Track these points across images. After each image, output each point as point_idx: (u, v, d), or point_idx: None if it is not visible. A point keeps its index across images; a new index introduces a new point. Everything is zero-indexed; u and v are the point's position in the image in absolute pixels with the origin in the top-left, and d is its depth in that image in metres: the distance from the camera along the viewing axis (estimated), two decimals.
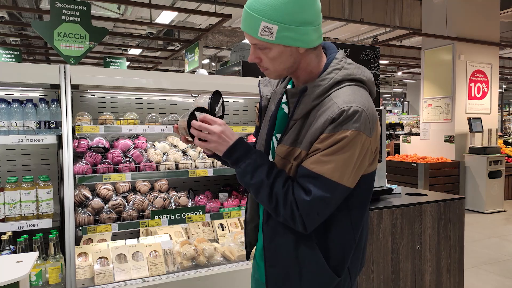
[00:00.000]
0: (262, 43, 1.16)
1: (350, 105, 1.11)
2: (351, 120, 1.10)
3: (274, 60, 1.19)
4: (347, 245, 1.23)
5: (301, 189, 1.14)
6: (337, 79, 1.18)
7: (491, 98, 7.74)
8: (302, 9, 1.12)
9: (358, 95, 1.16)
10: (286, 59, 1.19)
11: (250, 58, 1.22)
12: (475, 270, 4.21)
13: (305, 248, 1.22)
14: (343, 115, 1.10)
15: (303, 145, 1.17)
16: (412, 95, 20.44)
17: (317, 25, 1.17)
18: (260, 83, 1.45)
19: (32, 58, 13.06)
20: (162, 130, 2.50)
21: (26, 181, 2.15)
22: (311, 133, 1.15)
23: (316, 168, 1.13)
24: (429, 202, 2.85)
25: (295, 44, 1.15)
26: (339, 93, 1.16)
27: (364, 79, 1.23)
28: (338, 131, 1.10)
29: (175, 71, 14.19)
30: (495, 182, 7.02)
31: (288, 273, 1.25)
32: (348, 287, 1.29)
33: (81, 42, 4.66)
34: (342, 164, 1.12)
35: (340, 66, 1.22)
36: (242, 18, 1.18)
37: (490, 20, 7.53)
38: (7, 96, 2.42)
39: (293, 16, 1.11)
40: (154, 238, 2.69)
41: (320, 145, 1.13)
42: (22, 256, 1.57)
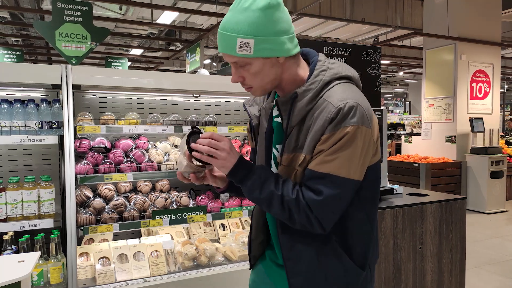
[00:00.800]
0: (242, 60, 1.18)
1: (345, 102, 1.14)
2: (349, 116, 1.13)
3: (256, 75, 1.21)
4: (366, 238, 1.26)
5: (311, 191, 1.15)
6: (325, 80, 1.21)
7: (492, 98, 7.72)
8: (273, 20, 1.16)
9: (349, 91, 1.19)
10: (268, 72, 1.21)
11: (233, 78, 1.24)
12: (476, 270, 4.20)
13: (327, 250, 1.22)
14: (340, 113, 1.13)
15: (306, 150, 1.18)
16: (413, 95, 20.41)
17: (291, 33, 1.21)
18: (246, 104, 1.45)
19: (33, 59, 13.09)
20: (164, 130, 2.50)
21: (28, 181, 2.15)
22: (312, 136, 1.17)
23: (322, 168, 1.14)
24: (430, 202, 2.84)
25: (274, 54, 1.18)
26: (331, 93, 1.19)
27: (350, 75, 1.26)
28: (339, 129, 1.13)
29: (177, 71, 14.20)
30: (496, 182, 7.01)
31: (314, 279, 1.23)
32: (370, 279, 1.30)
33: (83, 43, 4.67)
34: (347, 159, 1.14)
35: (325, 67, 1.24)
36: (218, 42, 1.20)
37: (491, 20, 7.52)
38: (9, 96, 2.42)
39: (267, 27, 1.15)
40: (155, 238, 2.69)
41: (323, 146, 1.15)
42: (23, 256, 1.57)
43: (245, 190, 1.21)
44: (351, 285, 1.24)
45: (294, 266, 1.24)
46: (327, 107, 1.15)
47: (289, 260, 1.25)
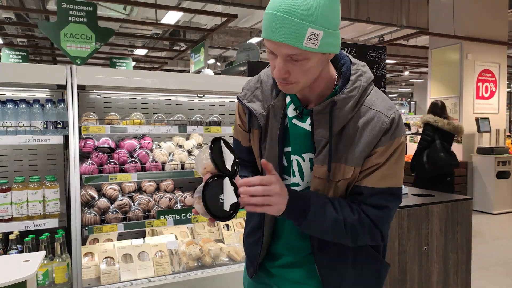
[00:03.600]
0: (303, 54, 1.00)
1: (394, 111, 1.11)
2: (400, 126, 1.11)
3: (308, 72, 1.05)
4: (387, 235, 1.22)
5: (374, 208, 1.12)
6: (364, 86, 1.13)
7: (499, 97, 7.66)
8: (338, 11, 1.03)
9: (385, 96, 1.16)
10: (318, 69, 1.07)
11: (279, 73, 1.04)
12: (483, 271, 4.17)
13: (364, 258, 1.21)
14: (394, 123, 1.10)
15: (354, 162, 1.10)
16: (419, 94, 20.31)
17: (337, 31, 1.08)
18: (242, 99, 1.25)
19: (39, 59, 13.16)
20: (168, 130, 2.50)
21: (33, 181, 2.16)
22: (362, 148, 1.09)
23: (383, 183, 1.11)
24: (436, 203, 2.83)
25: (332, 51, 1.05)
26: (371, 100, 1.13)
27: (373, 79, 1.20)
28: (394, 140, 1.10)
29: (181, 71, 14.23)
30: (503, 183, 6.95)
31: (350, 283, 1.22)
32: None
33: (87, 43, 4.69)
34: (402, 168, 1.14)
35: (360, 71, 1.15)
36: (276, 26, 0.98)
37: (498, 19, 7.46)
38: (14, 96, 2.43)
39: (334, 19, 1.02)
40: (159, 238, 2.69)
41: (380, 160, 1.10)
42: (29, 256, 1.58)
43: (306, 225, 1.09)
44: (381, 279, 1.25)
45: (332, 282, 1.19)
46: (378, 117, 1.09)
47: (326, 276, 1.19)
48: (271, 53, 1.05)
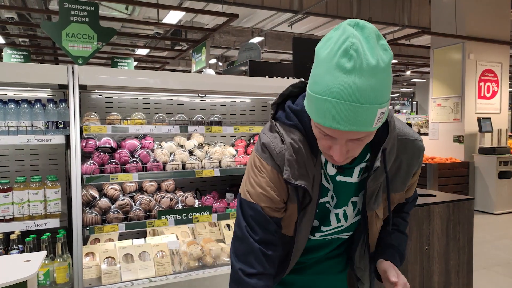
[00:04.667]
0: (370, 133, 0.94)
1: (417, 134, 1.20)
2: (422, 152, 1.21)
3: (363, 144, 0.97)
4: None
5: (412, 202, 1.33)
6: (393, 118, 1.10)
7: (501, 97, 7.64)
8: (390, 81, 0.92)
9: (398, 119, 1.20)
10: (367, 140, 0.98)
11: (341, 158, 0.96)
12: (484, 271, 4.16)
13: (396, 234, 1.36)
14: (422, 148, 1.20)
15: (403, 188, 1.20)
16: (420, 94, 20.28)
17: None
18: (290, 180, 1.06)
19: (40, 59, 13.19)
20: (169, 130, 2.50)
21: (34, 181, 2.16)
22: (406, 175, 1.17)
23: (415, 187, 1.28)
24: (437, 203, 2.82)
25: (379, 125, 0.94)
26: (402, 130, 1.15)
27: None
28: (423, 156, 1.22)
29: (182, 71, 14.24)
30: (505, 183, 6.93)
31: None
32: None
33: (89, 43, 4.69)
34: None
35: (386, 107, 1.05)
36: (342, 116, 0.87)
37: (500, 18, 7.44)
38: (16, 96, 2.44)
39: (388, 92, 0.91)
40: (160, 238, 2.70)
41: (417, 176, 1.23)
42: (30, 256, 1.58)
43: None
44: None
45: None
46: (415, 144, 1.16)
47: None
48: (327, 135, 0.95)
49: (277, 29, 10.02)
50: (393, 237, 1.26)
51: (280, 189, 1.10)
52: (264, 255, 1.09)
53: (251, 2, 7.68)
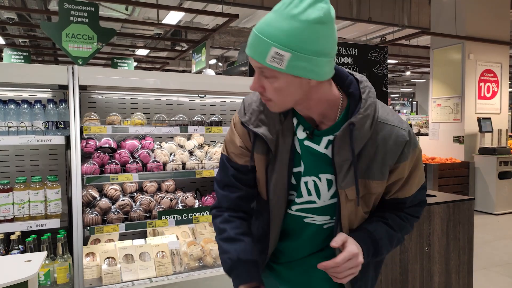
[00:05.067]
0: (269, 71, 1.04)
1: (405, 124, 1.18)
2: (414, 136, 1.18)
3: (279, 92, 1.07)
4: None
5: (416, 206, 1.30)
6: (375, 102, 1.15)
7: (501, 97, 7.64)
8: (318, 38, 1.00)
9: (390, 108, 1.21)
10: (295, 91, 1.07)
11: (253, 86, 1.09)
12: (484, 272, 4.16)
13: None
14: (411, 136, 1.17)
15: (379, 177, 1.15)
16: (420, 95, 20.29)
17: (332, 57, 1.07)
18: (248, 125, 1.19)
19: (40, 59, 13.19)
20: (169, 131, 2.50)
21: (35, 181, 2.16)
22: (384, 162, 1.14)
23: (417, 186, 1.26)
24: (438, 203, 2.82)
25: (306, 76, 1.04)
26: (382, 114, 1.16)
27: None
28: (415, 151, 1.18)
29: (182, 71, 14.24)
30: (505, 183, 6.93)
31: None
32: None
33: (89, 43, 4.69)
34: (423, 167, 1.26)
35: (368, 87, 1.16)
36: (249, 41, 1.05)
37: (500, 19, 7.44)
38: (16, 96, 2.44)
39: (309, 44, 1.00)
40: (161, 238, 2.70)
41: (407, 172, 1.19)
42: (30, 256, 1.58)
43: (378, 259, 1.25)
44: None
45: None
46: (397, 131, 1.14)
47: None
48: None
49: None
50: (373, 225, 1.21)
51: (243, 137, 1.24)
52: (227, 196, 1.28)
53: (251, 3, 7.69)
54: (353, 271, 1.10)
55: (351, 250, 1.10)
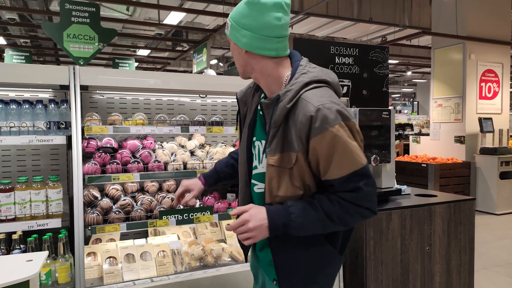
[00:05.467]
0: (227, 37, 1.40)
1: (323, 104, 1.23)
2: (330, 117, 1.22)
3: (233, 54, 1.42)
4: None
5: (349, 192, 1.26)
6: (304, 81, 1.29)
7: (502, 98, 7.63)
8: (246, 15, 1.31)
9: (327, 94, 1.29)
10: (237, 57, 1.40)
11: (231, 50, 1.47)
12: (485, 272, 4.16)
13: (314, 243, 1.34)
14: (320, 113, 1.22)
15: (297, 148, 1.26)
16: (421, 95, 20.26)
17: (262, 35, 1.30)
18: (238, 95, 1.58)
19: (42, 60, 13.21)
20: (170, 131, 2.50)
21: (36, 181, 2.17)
22: (296, 133, 1.26)
23: (346, 171, 1.24)
24: (439, 203, 2.82)
25: (237, 43, 1.36)
26: (309, 94, 1.27)
27: (329, 80, 1.35)
28: (326, 131, 1.22)
29: (183, 71, 14.24)
30: (506, 183, 6.92)
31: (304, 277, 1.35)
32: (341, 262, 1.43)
33: (90, 43, 4.70)
34: (354, 152, 1.24)
35: (305, 70, 1.33)
36: None
37: (501, 19, 7.43)
38: (17, 97, 2.44)
39: (240, 18, 1.33)
40: (162, 238, 2.70)
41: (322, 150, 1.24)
42: (32, 255, 1.58)
43: (293, 233, 1.28)
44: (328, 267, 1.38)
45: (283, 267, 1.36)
46: (307, 106, 1.24)
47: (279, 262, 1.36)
48: None
49: None
50: (295, 201, 1.29)
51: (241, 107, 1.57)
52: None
53: None
54: (248, 235, 1.25)
55: (242, 217, 1.26)
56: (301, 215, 1.25)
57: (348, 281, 2.72)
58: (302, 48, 3.64)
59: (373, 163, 2.77)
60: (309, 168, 1.28)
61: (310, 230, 1.27)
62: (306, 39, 8.57)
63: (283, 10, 1.31)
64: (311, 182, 1.30)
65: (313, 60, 1.39)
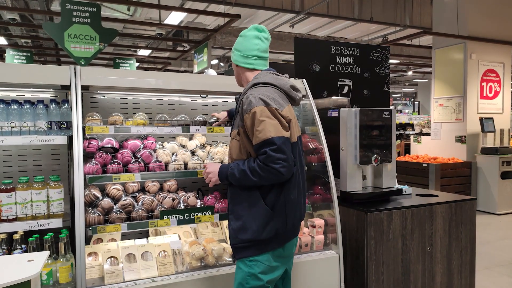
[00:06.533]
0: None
1: (253, 94, 1.88)
2: (253, 102, 1.84)
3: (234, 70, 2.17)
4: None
5: (261, 155, 1.83)
6: (252, 83, 1.98)
7: (503, 97, 7.62)
8: (238, 42, 2.08)
9: (260, 90, 1.90)
10: (235, 70, 2.15)
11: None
12: (487, 272, 4.15)
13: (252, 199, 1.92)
14: (247, 101, 1.87)
15: (240, 124, 1.93)
16: (422, 94, 20.25)
17: (244, 54, 2.05)
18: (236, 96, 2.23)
19: (43, 60, 13.22)
20: (171, 131, 2.50)
21: (37, 181, 2.17)
22: (240, 114, 1.94)
23: (259, 139, 1.81)
24: (440, 203, 2.82)
25: (232, 60, 2.12)
26: (251, 90, 1.92)
27: (274, 83, 1.96)
28: (250, 112, 1.84)
29: (184, 71, 14.25)
30: (507, 183, 6.91)
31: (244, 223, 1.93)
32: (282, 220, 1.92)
33: (91, 44, 4.70)
34: (267, 127, 1.80)
35: (258, 77, 2.00)
36: None
37: (502, 18, 7.42)
38: (18, 97, 2.45)
39: (236, 44, 2.10)
40: (163, 238, 2.70)
41: (247, 125, 1.86)
42: (33, 255, 1.59)
43: (233, 181, 1.93)
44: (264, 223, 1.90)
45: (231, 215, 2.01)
46: (247, 96, 1.89)
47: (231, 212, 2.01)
48: None
49: (278, 29, 10.02)
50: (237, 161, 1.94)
51: None
52: None
53: (252, 3, 7.69)
54: (208, 178, 2.04)
55: (206, 167, 2.07)
56: (235, 169, 1.88)
57: (349, 281, 2.72)
58: (303, 48, 3.64)
59: (374, 163, 2.77)
60: (248, 139, 1.89)
61: (242, 180, 1.86)
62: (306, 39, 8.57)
63: (260, 40, 2.02)
64: (251, 149, 1.90)
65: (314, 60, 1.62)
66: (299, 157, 2.01)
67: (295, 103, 2.06)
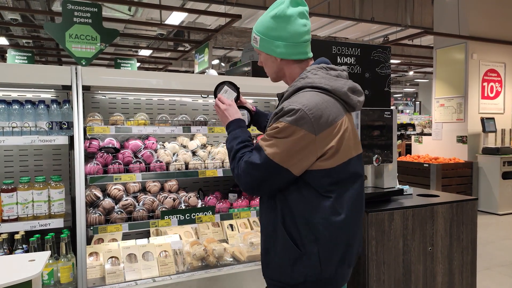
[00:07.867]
0: (256, 49, 1.59)
1: (289, 104, 1.39)
2: (286, 115, 1.38)
3: (264, 65, 1.63)
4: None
5: (250, 154, 1.47)
6: (297, 86, 1.47)
7: (504, 97, 7.61)
8: (275, 28, 1.50)
9: (308, 98, 1.40)
10: (270, 65, 1.60)
11: (259, 61, 1.66)
12: (488, 272, 4.14)
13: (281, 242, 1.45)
14: (282, 111, 1.40)
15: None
16: (424, 94, 20.23)
17: (292, 42, 1.50)
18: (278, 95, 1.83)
19: (44, 60, 13.24)
20: (172, 131, 2.50)
21: (39, 181, 2.17)
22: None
23: (260, 142, 1.44)
24: (441, 203, 2.81)
25: (271, 53, 1.54)
26: (295, 97, 1.44)
27: (327, 88, 1.44)
28: (277, 122, 1.41)
29: (185, 71, 14.26)
30: (508, 183, 6.90)
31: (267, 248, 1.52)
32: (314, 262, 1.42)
33: (92, 44, 4.71)
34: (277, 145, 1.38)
35: (304, 75, 1.50)
36: None
37: (503, 18, 7.41)
38: (20, 97, 2.45)
39: (269, 31, 1.51)
40: (164, 238, 2.70)
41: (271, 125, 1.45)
42: (34, 255, 1.59)
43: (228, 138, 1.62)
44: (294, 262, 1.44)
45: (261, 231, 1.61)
46: (286, 103, 1.42)
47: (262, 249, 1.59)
48: None
49: None
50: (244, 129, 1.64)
51: None
52: None
53: (253, 3, 7.69)
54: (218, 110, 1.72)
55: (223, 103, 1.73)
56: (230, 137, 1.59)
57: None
58: None
59: (375, 163, 2.77)
60: None
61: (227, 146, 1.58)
62: None
63: (306, 16, 1.51)
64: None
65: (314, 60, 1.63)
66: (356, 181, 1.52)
67: (355, 109, 1.56)
